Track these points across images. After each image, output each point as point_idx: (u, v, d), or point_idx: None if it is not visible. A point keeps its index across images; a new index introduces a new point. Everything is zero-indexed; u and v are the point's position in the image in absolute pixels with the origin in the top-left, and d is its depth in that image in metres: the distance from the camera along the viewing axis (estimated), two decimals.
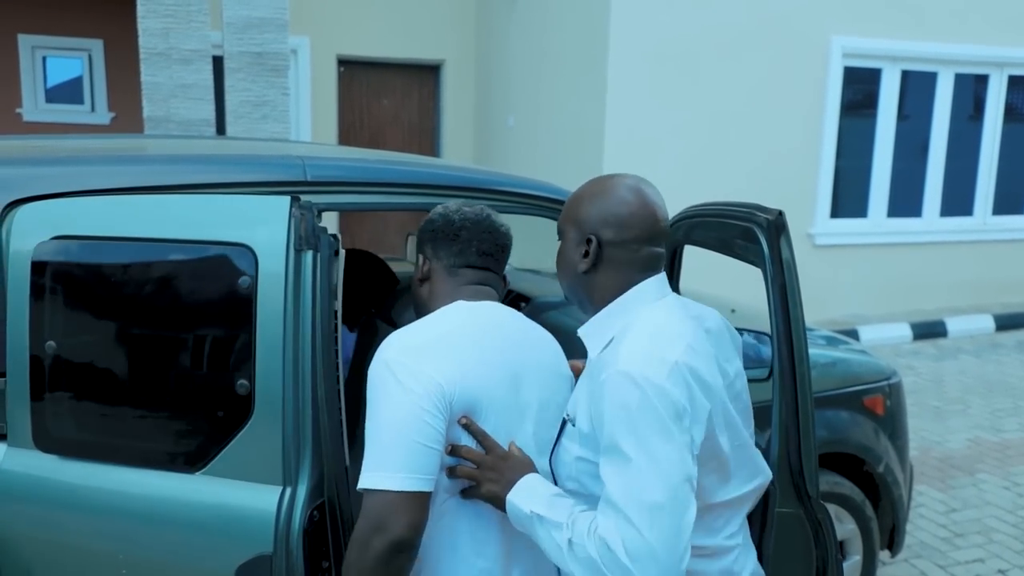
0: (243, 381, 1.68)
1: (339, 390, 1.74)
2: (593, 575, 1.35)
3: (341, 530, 1.69)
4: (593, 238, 1.51)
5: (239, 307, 1.69)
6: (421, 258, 1.77)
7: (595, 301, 1.55)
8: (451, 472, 1.54)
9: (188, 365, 1.73)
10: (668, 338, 1.41)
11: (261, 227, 1.70)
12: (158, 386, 1.75)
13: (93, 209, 1.82)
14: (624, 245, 1.50)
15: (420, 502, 1.45)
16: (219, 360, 1.71)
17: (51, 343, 1.77)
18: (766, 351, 2.55)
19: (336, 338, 1.76)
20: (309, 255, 1.70)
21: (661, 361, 1.37)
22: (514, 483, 1.51)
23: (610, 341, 1.49)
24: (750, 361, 2.55)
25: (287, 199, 1.71)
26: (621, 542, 1.31)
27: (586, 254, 1.52)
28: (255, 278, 1.68)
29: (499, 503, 1.52)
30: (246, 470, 1.69)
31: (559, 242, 1.61)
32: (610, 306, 1.52)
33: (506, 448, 1.56)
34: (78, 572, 1.80)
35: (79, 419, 1.80)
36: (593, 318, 1.56)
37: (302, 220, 1.71)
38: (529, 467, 1.54)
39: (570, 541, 1.39)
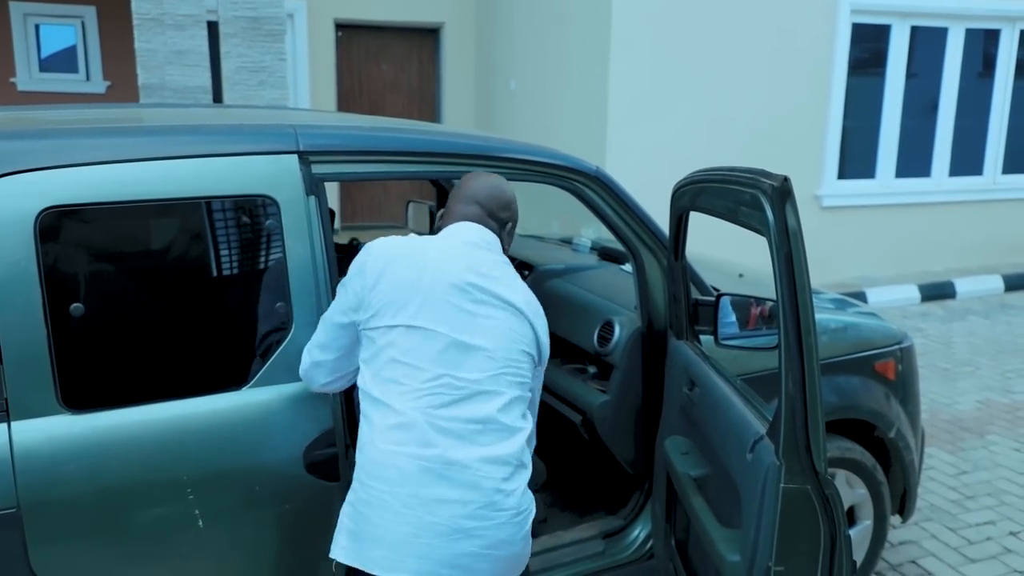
0: (281, 303, 2.06)
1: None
2: None
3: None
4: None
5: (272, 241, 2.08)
6: None
7: None
8: None
9: (244, 298, 2.07)
10: (401, 242, 1.94)
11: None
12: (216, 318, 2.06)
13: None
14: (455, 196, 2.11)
15: None
16: (268, 288, 2.06)
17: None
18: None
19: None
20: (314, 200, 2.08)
21: (379, 249, 1.93)
22: None
23: None
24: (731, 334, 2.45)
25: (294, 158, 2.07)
26: None
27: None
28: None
29: None
30: (293, 373, 2.05)
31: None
32: None
33: None
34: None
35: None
36: None
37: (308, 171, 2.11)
38: None
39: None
